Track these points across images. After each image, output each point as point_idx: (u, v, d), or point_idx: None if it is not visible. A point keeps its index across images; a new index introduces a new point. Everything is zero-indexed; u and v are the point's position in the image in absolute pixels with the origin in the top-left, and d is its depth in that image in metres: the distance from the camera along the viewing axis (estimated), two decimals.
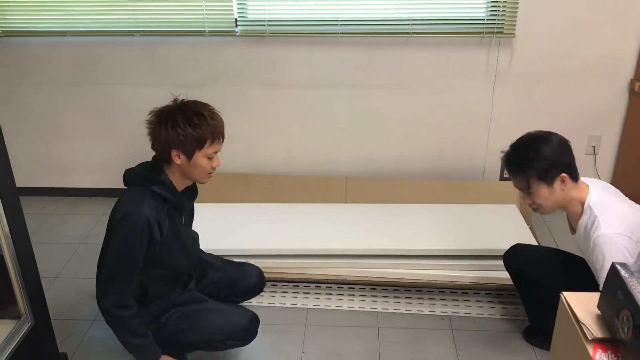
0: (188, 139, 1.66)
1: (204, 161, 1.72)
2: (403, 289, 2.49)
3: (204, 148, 1.70)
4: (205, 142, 1.69)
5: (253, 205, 2.96)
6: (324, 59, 2.98)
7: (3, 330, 1.74)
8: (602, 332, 0.96)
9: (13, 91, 3.21)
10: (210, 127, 1.69)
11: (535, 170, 1.74)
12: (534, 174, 1.74)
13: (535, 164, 1.73)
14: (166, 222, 1.72)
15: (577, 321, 0.99)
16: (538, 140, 1.78)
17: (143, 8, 2.93)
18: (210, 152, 1.72)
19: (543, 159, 1.73)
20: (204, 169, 1.74)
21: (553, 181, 1.74)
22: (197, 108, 1.70)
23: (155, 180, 1.72)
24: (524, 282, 2.13)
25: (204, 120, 1.68)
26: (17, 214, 1.72)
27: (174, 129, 1.65)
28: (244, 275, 2.12)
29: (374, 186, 3.07)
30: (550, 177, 1.74)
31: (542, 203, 1.78)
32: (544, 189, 1.75)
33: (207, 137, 1.69)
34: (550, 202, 1.78)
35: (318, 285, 2.52)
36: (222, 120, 1.76)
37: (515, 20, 2.78)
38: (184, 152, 1.69)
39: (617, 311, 0.92)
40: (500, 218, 2.76)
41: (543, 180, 1.74)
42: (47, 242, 2.93)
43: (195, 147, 1.69)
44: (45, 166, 3.40)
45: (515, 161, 1.79)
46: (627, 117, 2.98)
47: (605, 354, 0.94)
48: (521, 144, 1.81)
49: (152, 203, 1.68)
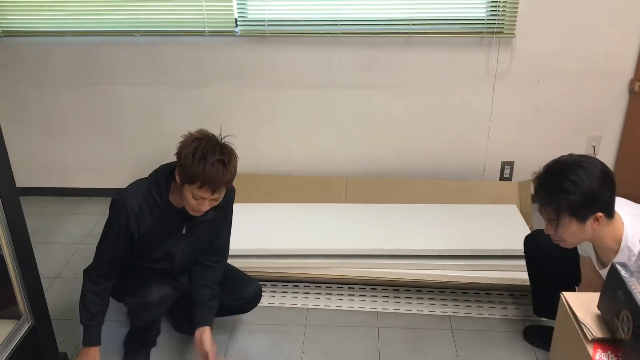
0: (184, 169, 1.69)
1: (190, 197, 1.72)
2: (403, 289, 2.49)
3: (192, 187, 1.70)
4: (195, 181, 1.68)
5: (253, 205, 2.96)
6: (324, 59, 2.98)
7: (3, 330, 1.74)
8: (602, 332, 0.96)
9: (13, 91, 3.21)
10: (206, 172, 1.67)
11: (569, 204, 1.52)
12: (566, 208, 1.53)
13: (570, 197, 1.51)
14: (149, 221, 1.79)
15: (577, 321, 0.99)
16: (577, 169, 1.53)
17: (143, 8, 2.93)
18: (196, 194, 1.71)
19: (580, 194, 1.50)
20: (188, 203, 1.75)
21: (586, 219, 1.54)
22: (208, 149, 1.69)
23: (156, 183, 1.80)
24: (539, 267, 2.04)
25: (203, 164, 1.67)
26: (17, 214, 1.72)
27: (184, 150, 1.69)
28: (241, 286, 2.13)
29: (374, 186, 3.07)
30: (584, 214, 1.53)
31: (567, 239, 1.60)
32: (574, 225, 1.55)
33: (198, 179, 1.68)
34: (577, 239, 1.61)
35: (318, 285, 2.52)
36: (224, 174, 1.71)
37: (515, 20, 2.78)
38: (180, 176, 1.72)
39: (617, 311, 0.92)
40: (500, 218, 2.76)
41: (575, 217, 1.54)
42: (47, 242, 2.93)
43: (186, 180, 1.70)
44: (45, 166, 3.40)
45: (547, 189, 1.57)
46: (627, 117, 2.98)
47: (605, 354, 0.94)
48: (557, 170, 1.58)
49: (142, 199, 1.78)
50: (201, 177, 1.67)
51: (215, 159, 1.68)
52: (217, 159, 1.68)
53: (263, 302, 2.43)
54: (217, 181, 1.69)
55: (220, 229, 2.00)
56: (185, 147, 1.70)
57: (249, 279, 2.16)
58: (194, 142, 1.70)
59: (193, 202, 1.73)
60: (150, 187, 1.80)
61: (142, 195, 1.79)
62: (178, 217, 1.84)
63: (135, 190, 1.81)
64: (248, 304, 2.16)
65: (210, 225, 1.94)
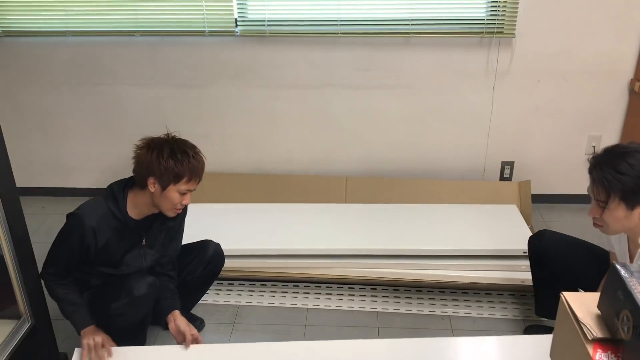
0: (167, 171, 1.76)
1: (176, 195, 1.81)
2: (403, 289, 2.49)
3: (179, 184, 1.79)
4: (182, 178, 1.78)
5: (253, 205, 2.96)
6: (324, 59, 2.98)
7: (3, 330, 1.74)
8: (602, 332, 0.96)
9: (13, 91, 3.21)
10: (191, 165, 1.78)
11: (622, 187, 1.51)
12: (618, 191, 1.52)
13: (625, 179, 1.50)
14: (107, 235, 1.83)
15: (577, 321, 0.99)
16: (637, 154, 1.53)
17: (143, 8, 2.93)
18: (183, 189, 1.81)
19: (636, 178, 1.50)
20: (173, 202, 1.82)
21: (634, 207, 1.53)
22: (184, 146, 1.81)
23: (113, 198, 1.84)
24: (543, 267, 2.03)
25: (187, 158, 1.78)
26: (17, 214, 1.72)
27: (158, 158, 1.76)
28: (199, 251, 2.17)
29: (374, 186, 3.07)
30: (634, 201, 1.52)
31: (610, 224, 1.59)
32: (622, 211, 1.54)
33: (185, 174, 1.78)
34: (620, 226, 1.59)
35: (318, 285, 2.52)
36: (203, 162, 1.85)
37: (515, 20, 2.78)
38: (160, 182, 1.78)
39: (617, 311, 0.92)
40: (500, 218, 2.76)
41: (624, 201, 1.52)
42: (47, 242, 2.92)
43: (171, 181, 1.78)
44: (45, 166, 3.40)
45: (602, 168, 1.55)
46: (627, 117, 2.98)
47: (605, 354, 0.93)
48: (617, 152, 1.57)
49: (100, 214, 1.82)
50: (188, 172, 1.78)
51: (192, 153, 1.81)
52: (193, 152, 1.81)
53: (263, 302, 2.44)
54: (201, 171, 1.83)
55: (176, 234, 2.06)
56: (157, 154, 1.76)
57: (204, 241, 2.20)
58: (164, 146, 1.78)
59: (178, 199, 1.81)
60: (108, 202, 1.84)
61: (100, 211, 1.83)
62: (136, 228, 1.89)
63: (93, 206, 1.85)
64: (212, 263, 2.18)
65: (167, 232, 2.00)
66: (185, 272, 2.13)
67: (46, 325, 1.91)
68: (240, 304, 2.45)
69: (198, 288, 2.22)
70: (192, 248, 2.16)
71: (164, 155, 1.76)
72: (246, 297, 2.48)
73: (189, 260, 2.14)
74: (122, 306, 1.87)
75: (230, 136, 3.22)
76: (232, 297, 2.48)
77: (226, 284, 2.53)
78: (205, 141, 3.20)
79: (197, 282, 2.18)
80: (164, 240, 2.01)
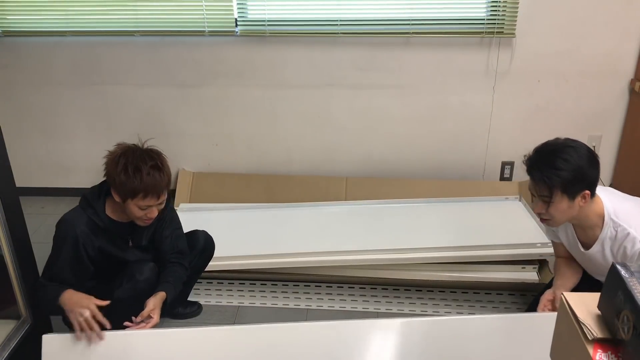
0: (122, 186, 1.71)
1: (136, 209, 1.75)
2: (403, 289, 2.48)
3: (136, 200, 1.73)
4: (137, 195, 1.71)
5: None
6: (324, 59, 2.98)
7: (3, 330, 1.74)
8: (602, 332, 0.96)
9: (13, 91, 3.21)
10: (144, 183, 1.69)
11: (561, 181, 1.61)
12: (558, 185, 1.62)
13: (563, 174, 1.61)
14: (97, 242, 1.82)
15: (577, 321, 0.99)
16: (567, 148, 1.65)
17: (143, 8, 2.93)
18: (142, 205, 1.74)
19: (572, 170, 1.61)
20: (137, 215, 1.77)
21: (575, 196, 1.64)
22: (140, 161, 1.71)
23: (90, 207, 1.81)
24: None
25: (139, 175, 1.69)
26: (17, 214, 1.73)
27: (115, 169, 1.71)
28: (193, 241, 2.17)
29: (374, 186, 3.07)
30: (574, 191, 1.63)
31: (556, 216, 1.68)
32: (565, 202, 1.64)
33: (140, 191, 1.71)
34: (565, 216, 1.69)
35: (318, 285, 2.52)
36: (164, 177, 1.75)
37: (515, 20, 2.78)
38: (119, 194, 1.74)
39: (617, 311, 0.92)
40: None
41: (566, 194, 1.63)
42: (47, 242, 2.92)
43: (127, 196, 1.72)
44: (45, 166, 3.40)
45: (540, 167, 1.65)
46: (627, 117, 2.98)
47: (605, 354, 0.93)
48: (549, 150, 1.68)
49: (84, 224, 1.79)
50: (143, 189, 1.70)
51: (148, 167, 1.71)
52: (150, 166, 1.71)
53: (266, 303, 2.44)
54: (158, 187, 1.73)
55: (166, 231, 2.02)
56: (114, 166, 1.71)
57: (193, 232, 2.20)
58: (121, 158, 1.72)
59: (141, 213, 1.75)
60: (86, 211, 1.81)
61: (82, 219, 1.79)
62: (121, 231, 1.88)
63: (75, 214, 1.81)
64: (206, 251, 2.20)
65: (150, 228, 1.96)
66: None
67: (46, 325, 1.91)
68: (241, 304, 2.45)
69: (193, 275, 2.24)
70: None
71: (119, 169, 1.70)
72: (246, 297, 2.48)
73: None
74: (124, 291, 1.87)
75: (230, 136, 3.22)
76: (232, 298, 2.48)
77: (226, 283, 2.53)
78: (205, 141, 3.25)
79: (194, 271, 2.21)
80: (152, 236, 2.00)
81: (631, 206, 1.75)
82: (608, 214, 1.69)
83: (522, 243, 2.41)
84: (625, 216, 1.68)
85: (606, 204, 1.70)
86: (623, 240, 1.67)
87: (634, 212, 1.72)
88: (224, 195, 3.10)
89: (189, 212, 2.95)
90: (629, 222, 1.67)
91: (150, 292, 1.93)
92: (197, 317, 2.38)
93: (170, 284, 1.94)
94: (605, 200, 1.71)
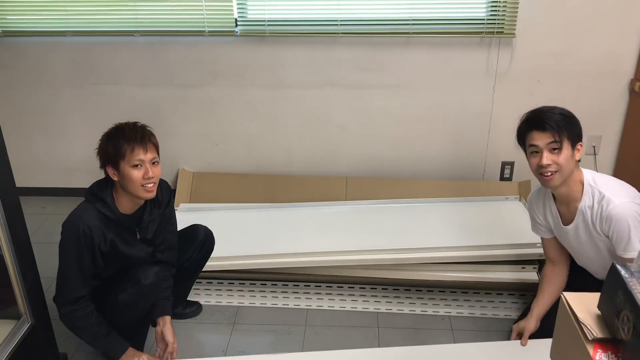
0: (110, 151, 1.78)
1: (132, 172, 1.79)
2: (403, 289, 2.48)
3: (126, 157, 1.77)
4: (123, 151, 1.77)
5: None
6: (323, 59, 2.98)
7: (3, 330, 1.74)
8: (602, 332, 0.96)
9: (13, 91, 3.21)
10: (127, 136, 1.78)
11: (571, 129, 1.77)
12: (568, 134, 1.76)
13: (568, 120, 1.78)
14: (109, 235, 1.83)
15: (577, 321, 0.99)
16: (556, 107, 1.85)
17: (143, 8, 2.93)
18: (134, 161, 1.78)
19: (571, 117, 1.80)
20: (136, 179, 1.80)
21: (574, 145, 1.78)
22: (121, 125, 1.83)
23: (99, 199, 1.83)
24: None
25: (121, 133, 1.79)
26: (17, 214, 1.72)
27: (101, 144, 1.81)
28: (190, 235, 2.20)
29: (374, 186, 3.07)
30: (576, 141, 1.78)
31: (564, 165, 1.77)
32: (569, 150, 1.77)
33: (123, 144, 1.77)
34: (568, 166, 1.78)
35: (318, 285, 2.52)
36: (145, 131, 1.83)
37: (515, 20, 2.78)
38: (113, 166, 1.79)
39: (617, 311, 0.92)
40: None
41: (569, 140, 1.76)
42: (47, 242, 2.93)
43: (118, 158, 1.78)
44: (45, 166, 3.40)
45: (543, 117, 1.81)
46: (627, 117, 2.98)
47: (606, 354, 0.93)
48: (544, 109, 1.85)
49: (94, 217, 1.80)
50: (127, 142, 1.77)
51: (127, 127, 1.82)
52: (131, 124, 1.83)
53: (266, 303, 2.44)
54: (141, 136, 1.80)
55: (166, 223, 2.06)
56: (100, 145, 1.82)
57: (193, 226, 2.23)
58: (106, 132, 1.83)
59: (139, 174, 1.79)
60: (95, 205, 1.82)
61: (91, 213, 1.80)
62: (129, 224, 1.90)
63: (82, 210, 1.82)
64: (206, 245, 2.22)
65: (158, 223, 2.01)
66: (182, 258, 2.16)
67: (46, 325, 1.91)
68: (241, 304, 2.45)
69: (194, 271, 2.26)
70: (182, 234, 2.18)
71: (103, 139, 1.81)
72: (246, 297, 2.48)
73: (184, 247, 2.17)
74: (129, 295, 1.87)
75: (230, 136, 3.22)
76: (232, 298, 2.48)
77: (226, 283, 2.53)
78: (205, 141, 3.25)
79: (194, 266, 2.23)
80: (156, 231, 2.01)
81: (610, 178, 1.87)
82: (587, 181, 1.81)
83: (522, 243, 2.40)
84: (602, 183, 1.80)
85: (586, 174, 1.84)
86: (599, 202, 1.77)
87: (611, 182, 1.84)
88: (224, 195, 3.10)
89: (189, 212, 2.95)
90: (606, 187, 1.79)
91: (154, 297, 1.94)
92: (197, 317, 2.38)
93: (168, 300, 2.02)
94: (586, 172, 1.85)
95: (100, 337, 1.87)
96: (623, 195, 1.76)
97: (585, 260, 1.97)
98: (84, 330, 1.87)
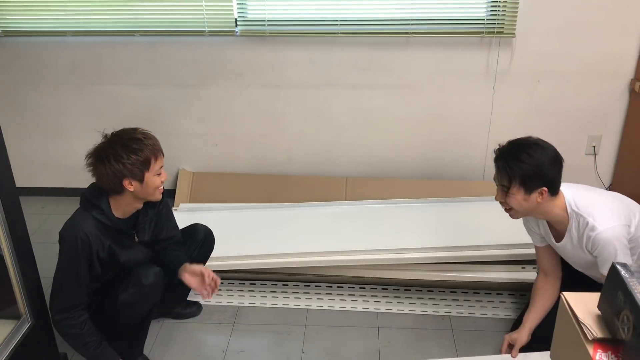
0: (135, 165, 1.77)
1: (155, 179, 1.83)
2: (403, 289, 2.49)
3: (151, 167, 1.81)
4: (150, 162, 1.80)
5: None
6: (324, 59, 2.98)
7: (3, 330, 1.74)
8: (602, 332, 0.96)
9: (13, 91, 3.21)
10: (149, 147, 1.80)
11: (521, 173, 1.73)
12: (517, 177, 1.74)
13: (523, 166, 1.73)
14: (107, 241, 1.83)
15: (577, 321, 0.99)
16: (535, 146, 1.77)
17: (143, 8, 2.93)
18: (157, 169, 1.83)
19: (532, 165, 1.73)
20: (156, 186, 1.85)
21: (532, 191, 1.74)
22: (129, 135, 1.81)
23: (95, 206, 1.83)
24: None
25: (141, 143, 1.79)
26: (17, 214, 1.72)
27: (118, 161, 1.75)
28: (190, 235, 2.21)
29: (374, 186, 3.07)
30: (531, 186, 1.74)
31: (514, 206, 1.79)
32: (521, 195, 1.75)
33: (150, 156, 1.80)
34: (522, 209, 1.79)
35: (318, 285, 2.52)
36: (155, 137, 1.86)
37: (515, 20, 2.78)
38: (134, 178, 1.79)
39: (617, 311, 0.92)
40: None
41: (523, 187, 1.74)
42: (47, 242, 2.93)
43: (143, 170, 1.79)
44: (45, 166, 3.40)
45: (505, 157, 1.78)
46: (627, 117, 2.98)
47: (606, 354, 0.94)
48: (518, 143, 1.81)
49: (91, 225, 1.80)
50: (152, 153, 1.80)
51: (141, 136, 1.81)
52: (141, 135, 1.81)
53: (266, 303, 2.44)
54: (157, 143, 1.85)
55: (163, 221, 2.06)
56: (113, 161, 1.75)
57: (193, 226, 2.24)
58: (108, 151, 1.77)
59: (158, 180, 1.84)
60: (91, 212, 1.82)
61: (89, 222, 1.80)
62: (126, 228, 1.90)
63: (78, 218, 1.82)
64: (206, 244, 2.22)
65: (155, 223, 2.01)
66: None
67: (46, 325, 1.91)
68: (241, 304, 2.45)
69: None
70: (181, 234, 2.18)
71: (122, 155, 1.75)
72: (246, 297, 2.48)
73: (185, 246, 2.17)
74: (130, 296, 1.87)
75: (230, 136, 3.22)
76: (232, 298, 2.48)
77: (226, 283, 2.53)
78: (205, 141, 3.25)
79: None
80: (154, 231, 2.02)
81: (594, 196, 1.83)
82: (570, 206, 1.79)
83: (522, 243, 2.40)
84: (585, 206, 1.77)
85: (567, 198, 1.80)
86: (584, 229, 1.76)
87: (594, 201, 1.80)
88: (224, 195, 3.10)
89: (189, 212, 2.95)
90: (589, 211, 1.76)
91: (154, 297, 1.93)
92: (197, 317, 2.38)
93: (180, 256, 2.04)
94: (567, 194, 1.81)
95: (91, 348, 1.86)
96: (607, 218, 1.73)
97: (582, 268, 1.97)
98: (76, 339, 1.86)
